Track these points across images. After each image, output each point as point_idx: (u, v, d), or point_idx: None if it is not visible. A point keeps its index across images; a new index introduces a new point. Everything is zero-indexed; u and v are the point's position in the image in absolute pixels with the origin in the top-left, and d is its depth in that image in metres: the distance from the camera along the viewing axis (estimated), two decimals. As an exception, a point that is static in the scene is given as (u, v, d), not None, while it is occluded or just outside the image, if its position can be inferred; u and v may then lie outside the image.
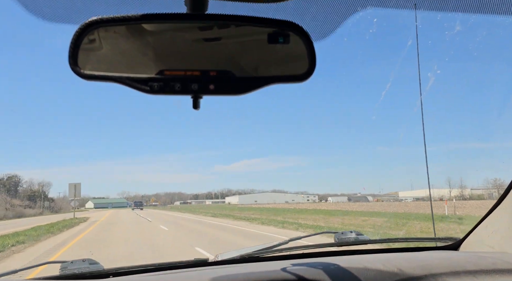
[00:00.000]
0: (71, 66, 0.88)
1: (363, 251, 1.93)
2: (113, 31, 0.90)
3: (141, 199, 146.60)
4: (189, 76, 0.91)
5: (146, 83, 0.89)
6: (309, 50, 0.95)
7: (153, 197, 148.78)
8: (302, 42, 0.95)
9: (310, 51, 0.95)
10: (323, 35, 1.15)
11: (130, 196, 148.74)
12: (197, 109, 0.95)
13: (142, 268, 1.66)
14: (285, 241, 1.95)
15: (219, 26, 0.94)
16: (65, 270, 1.63)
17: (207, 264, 1.76)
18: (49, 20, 1.00)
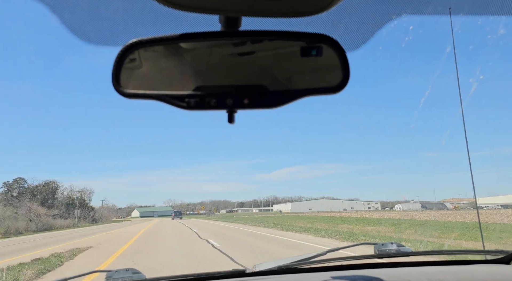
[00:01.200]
0: (114, 86, 0.97)
1: (405, 263, 1.91)
2: (152, 50, 0.98)
3: (187, 207, 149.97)
4: (224, 91, 0.98)
5: (183, 99, 0.97)
6: (342, 61, 0.99)
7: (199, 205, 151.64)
8: (335, 54, 0.99)
9: (343, 63, 0.99)
10: (357, 45, 1.19)
11: (176, 204, 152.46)
12: (232, 124, 1.02)
13: (182, 278, 1.77)
14: (323, 251, 1.98)
15: (252, 41, 1.01)
16: (110, 279, 1.77)
17: (245, 275, 1.82)
18: (94, 43, 1.12)
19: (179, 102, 0.98)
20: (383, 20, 1.13)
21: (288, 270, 1.85)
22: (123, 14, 1.07)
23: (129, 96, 0.98)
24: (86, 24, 1.07)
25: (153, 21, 1.10)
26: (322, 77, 1.01)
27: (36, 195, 57.99)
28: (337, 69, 1.00)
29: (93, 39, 1.11)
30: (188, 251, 14.25)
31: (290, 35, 1.01)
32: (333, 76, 1.00)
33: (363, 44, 1.20)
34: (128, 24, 1.10)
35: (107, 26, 1.10)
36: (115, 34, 1.11)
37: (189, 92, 0.98)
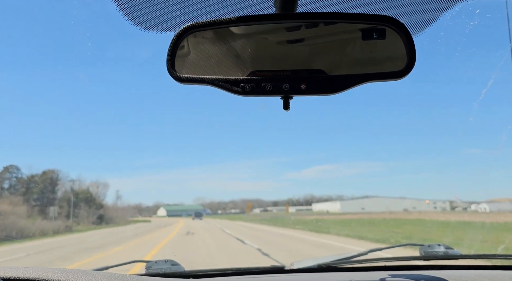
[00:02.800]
0: (169, 71, 1.03)
1: (454, 266, 1.91)
2: (203, 36, 1.04)
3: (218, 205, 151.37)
4: (279, 76, 1.02)
5: (238, 84, 1.02)
6: (408, 45, 0.99)
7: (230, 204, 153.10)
8: (400, 38, 0.99)
9: (409, 46, 0.99)
10: (417, 30, 1.21)
11: (206, 202, 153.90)
12: (287, 110, 1.06)
13: (220, 272, 1.86)
14: (364, 251, 2.02)
15: (308, 25, 1.03)
16: (149, 269, 1.90)
17: (283, 271, 1.90)
18: (148, 28, 1.20)
19: (234, 87, 1.03)
20: (447, 2, 1.14)
21: (328, 269, 1.90)
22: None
23: (184, 81, 1.04)
24: (140, 8, 1.14)
25: (206, 6, 1.16)
26: (384, 61, 1.02)
27: (31, 188, 47.30)
28: (401, 53, 1.00)
29: (147, 25, 1.19)
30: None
31: (352, 17, 1.02)
32: (396, 61, 1.01)
33: (425, 29, 1.22)
34: (182, 9, 1.17)
35: (161, 11, 1.17)
36: (168, 19, 1.18)
37: (244, 77, 1.02)
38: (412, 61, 1.00)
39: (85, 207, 47.27)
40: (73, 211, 43.99)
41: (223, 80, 1.03)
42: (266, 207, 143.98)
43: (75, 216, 43.47)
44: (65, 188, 51.06)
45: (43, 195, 46.54)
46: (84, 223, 43.55)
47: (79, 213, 44.93)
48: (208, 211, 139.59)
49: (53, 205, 43.21)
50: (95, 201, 53.77)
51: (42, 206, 42.88)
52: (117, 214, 57.24)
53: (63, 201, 47.46)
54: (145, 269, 1.91)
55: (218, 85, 1.03)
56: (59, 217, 39.38)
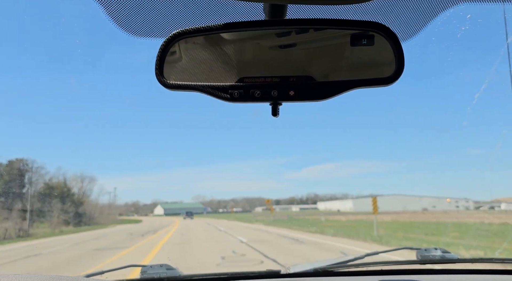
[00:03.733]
0: (157, 77, 1.07)
1: (450, 270, 1.95)
2: (194, 42, 1.08)
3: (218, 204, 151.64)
4: (268, 83, 1.05)
5: (226, 91, 1.06)
6: (397, 51, 1.03)
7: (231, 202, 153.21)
8: (388, 44, 1.03)
9: (397, 53, 1.03)
10: (408, 35, 1.25)
11: (206, 201, 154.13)
12: (276, 117, 1.09)
13: (215, 276, 1.91)
14: (361, 255, 2.07)
15: (299, 30, 1.07)
16: (144, 274, 1.95)
17: (279, 276, 1.95)
18: (138, 35, 1.25)
19: (222, 93, 1.06)
20: (438, 7, 1.17)
21: (324, 273, 1.95)
22: (166, 5, 1.18)
23: (172, 87, 1.08)
24: (131, 15, 1.19)
25: (195, 13, 1.20)
26: (373, 68, 1.06)
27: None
28: (390, 60, 1.03)
29: (137, 31, 1.24)
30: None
31: (341, 23, 1.06)
32: (385, 68, 1.04)
33: (416, 34, 1.26)
34: (171, 15, 1.22)
35: (150, 18, 1.21)
36: (157, 25, 1.23)
37: (233, 83, 1.06)
38: (401, 67, 1.03)
39: (58, 205, 38.63)
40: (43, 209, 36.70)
41: (212, 87, 1.06)
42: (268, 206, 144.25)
43: (42, 216, 35.87)
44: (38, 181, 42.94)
45: (9, 189, 37.90)
46: (54, 224, 34.81)
47: (50, 212, 36.69)
48: (208, 210, 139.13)
49: (22, 201, 35.62)
50: (74, 197, 45.61)
51: (7, 202, 34.95)
52: (102, 213, 50.53)
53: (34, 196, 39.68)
54: (140, 274, 1.97)
55: (207, 91, 1.07)
56: (17, 216, 31.11)
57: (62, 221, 37.06)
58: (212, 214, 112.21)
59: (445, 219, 40.72)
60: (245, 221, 47.55)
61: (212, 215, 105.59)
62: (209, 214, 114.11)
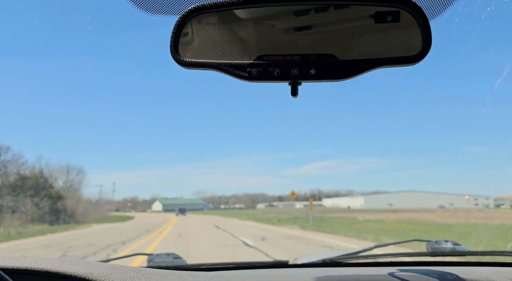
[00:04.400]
0: (172, 55, 1.06)
1: (461, 263, 1.96)
2: (211, 19, 1.07)
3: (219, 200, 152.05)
4: (288, 61, 1.04)
5: (244, 69, 1.04)
6: (424, 28, 1.01)
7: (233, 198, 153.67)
8: (415, 20, 1.01)
9: (425, 30, 1.01)
10: (433, 14, 1.24)
11: (207, 196, 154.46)
12: (295, 97, 1.08)
13: (222, 265, 1.94)
14: (370, 247, 2.10)
15: (318, 8, 1.05)
16: (151, 262, 1.99)
17: (287, 266, 1.97)
18: (151, 11, 1.24)
19: (240, 72, 1.05)
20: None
21: (332, 264, 1.97)
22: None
23: (188, 65, 1.07)
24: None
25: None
26: (399, 45, 1.04)
27: None
28: (416, 37, 1.02)
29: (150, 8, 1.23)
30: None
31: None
32: (411, 45, 1.02)
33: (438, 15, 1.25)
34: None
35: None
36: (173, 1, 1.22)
37: (251, 61, 1.05)
38: (428, 45, 1.01)
39: (24, 199, 32.52)
40: (9, 205, 30.56)
41: (229, 65, 1.05)
42: (271, 202, 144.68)
43: (6, 212, 29.24)
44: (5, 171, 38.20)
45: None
46: (15, 222, 28.41)
47: (17, 208, 30.90)
48: (210, 206, 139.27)
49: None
50: (52, 190, 39.22)
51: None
52: (87, 209, 44.04)
53: (5, 187, 35.82)
54: (147, 262, 2.01)
55: (224, 70, 1.06)
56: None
57: (32, 219, 31.29)
58: (214, 211, 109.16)
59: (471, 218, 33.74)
60: (265, 222, 35.64)
61: (215, 212, 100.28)
62: (211, 211, 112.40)
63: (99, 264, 1.24)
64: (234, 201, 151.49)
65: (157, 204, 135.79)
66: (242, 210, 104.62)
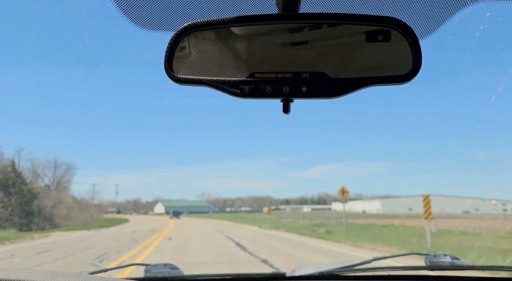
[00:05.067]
0: (167, 71, 1.10)
1: (460, 278, 1.98)
2: (204, 36, 1.11)
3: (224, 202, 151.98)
4: (280, 78, 1.08)
5: (237, 86, 1.08)
6: (414, 48, 1.05)
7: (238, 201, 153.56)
8: (405, 40, 1.05)
9: (415, 50, 1.05)
10: (424, 33, 1.28)
11: (211, 199, 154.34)
12: (287, 114, 1.11)
13: (220, 277, 1.97)
14: (368, 260, 2.12)
15: (311, 27, 1.09)
16: (148, 273, 2.02)
17: (285, 278, 2.00)
18: (147, 28, 1.29)
19: (232, 89, 1.09)
20: (457, 5, 1.20)
21: (330, 276, 2.00)
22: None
23: (181, 82, 1.10)
24: (140, 8, 1.24)
25: (206, 6, 1.25)
26: (389, 65, 1.07)
27: None
28: (407, 57, 1.05)
29: (146, 24, 1.28)
30: None
31: (356, 19, 1.07)
32: (402, 65, 1.05)
33: (432, 32, 1.29)
34: (181, 8, 1.26)
35: (160, 10, 1.26)
36: (167, 18, 1.27)
37: (243, 79, 1.08)
38: (418, 65, 1.05)
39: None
40: None
41: (222, 82, 1.09)
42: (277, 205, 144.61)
43: None
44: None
45: None
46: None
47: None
48: (215, 208, 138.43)
49: None
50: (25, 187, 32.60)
51: None
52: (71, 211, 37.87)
53: None
54: (144, 273, 2.03)
55: (217, 86, 1.10)
56: None
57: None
58: (219, 214, 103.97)
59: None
60: (304, 233, 24.63)
61: (221, 215, 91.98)
62: (216, 214, 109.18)
63: (91, 277, 1.26)
64: (240, 203, 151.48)
65: (159, 206, 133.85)
66: (250, 214, 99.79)
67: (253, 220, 48.28)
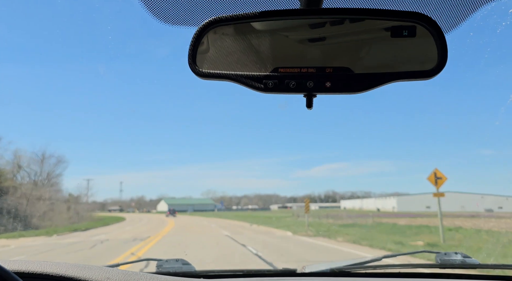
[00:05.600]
0: (190, 66, 1.13)
1: (471, 276, 2.00)
2: (227, 30, 1.13)
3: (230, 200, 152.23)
4: (304, 73, 1.10)
5: (260, 81, 1.11)
6: (440, 43, 1.06)
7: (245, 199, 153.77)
8: (430, 35, 1.06)
9: (441, 45, 1.06)
10: (448, 28, 1.31)
11: (217, 197, 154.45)
12: (310, 109, 1.14)
13: (231, 273, 2.02)
14: (378, 257, 2.17)
15: (334, 22, 1.11)
16: (160, 267, 2.07)
17: (295, 274, 2.04)
18: (171, 23, 1.32)
19: (256, 83, 1.11)
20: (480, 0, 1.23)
21: (341, 273, 2.04)
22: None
23: (205, 76, 1.13)
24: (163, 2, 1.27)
25: (229, 1, 1.28)
26: (414, 60, 1.09)
27: None
28: (432, 52, 1.07)
29: (169, 19, 1.31)
30: None
31: (380, 14, 1.09)
32: (426, 60, 1.07)
33: (453, 29, 1.31)
34: (204, 3, 1.29)
35: (183, 5, 1.29)
36: (191, 13, 1.30)
37: (267, 73, 1.11)
38: (444, 60, 1.06)
39: None
40: None
41: (245, 76, 1.12)
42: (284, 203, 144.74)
43: None
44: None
45: None
46: None
47: None
48: (222, 206, 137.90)
49: None
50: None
51: None
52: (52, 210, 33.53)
53: None
54: (156, 268, 2.09)
55: (240, 81, 1.12)
56: None
57: None
58: (226, 212, 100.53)
59: None
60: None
61: (228, 214, 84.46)
62: (222, 212, 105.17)
63: (111, 270, 1.29)
64: (246, 201, 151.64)
65: (162, 204, 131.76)
66: (257, 212, 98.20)
67: (266, 219, 43.70)
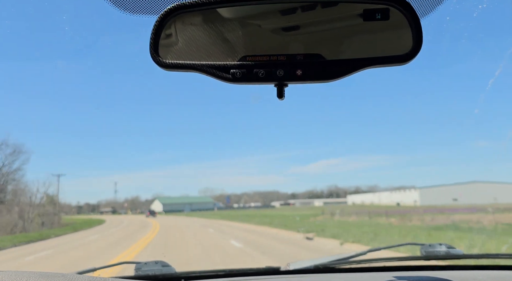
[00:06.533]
0: (152, 56, 1.10)
1: (456, 266, 2.04)
2: (192, 18, 1.11)
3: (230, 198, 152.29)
4: (273, 61, 1.07)
5: (227, 70, 1.08)
6: (414, 26, 1.04)
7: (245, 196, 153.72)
8: (405, 18, 1.04)
9: (415, 28, 1.04)
10: (423, 12, 1.29)
11: (215, 195, 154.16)
12: (281, 99, 1.12)
13: (213, 273, 2.01)
14: (363, 251, 2.19)
15: (305, 8, 1.08)
16: (139, 271, 2.05)
17: (279, 272, 2.05)
18: (130, 11, 1.31)
19: (223, 73, 1.09)
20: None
21: (325, 269, 2.05)
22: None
23: (168, 67, 1.11)
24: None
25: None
26: (388, 44, 1.06)
27: None
28: (406, 36, 1.05)
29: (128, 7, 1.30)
30: None
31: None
32: (401, 44, 1.05)
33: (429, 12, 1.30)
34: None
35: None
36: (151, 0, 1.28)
37: (234, 62, 1.08)
38: (419, 44, 1.04)
39: None
40: None
41: (212, 66, 1.09)
42: (286, 200, 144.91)
43: None
44: None
45: None
46: None
47: None
48: (219, 205, 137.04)
49: None
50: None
51: None
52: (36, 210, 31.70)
53: None
54: (135, 271, 2.07)
55: (206, 71, 1.10)
56: None
57: None
58: (227, 211, 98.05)
59: None
60: None
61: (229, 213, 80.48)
62: (222, 211, 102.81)
63: (78, 277, 1.27)
64: (247, 199, 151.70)
65: (157, 204, 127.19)
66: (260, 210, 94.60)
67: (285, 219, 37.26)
